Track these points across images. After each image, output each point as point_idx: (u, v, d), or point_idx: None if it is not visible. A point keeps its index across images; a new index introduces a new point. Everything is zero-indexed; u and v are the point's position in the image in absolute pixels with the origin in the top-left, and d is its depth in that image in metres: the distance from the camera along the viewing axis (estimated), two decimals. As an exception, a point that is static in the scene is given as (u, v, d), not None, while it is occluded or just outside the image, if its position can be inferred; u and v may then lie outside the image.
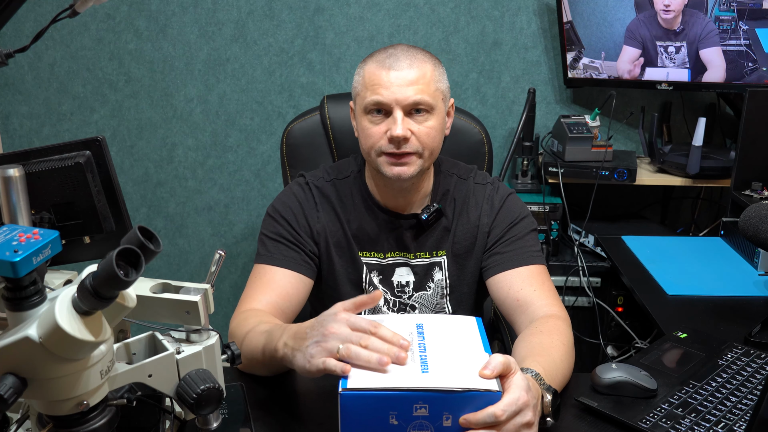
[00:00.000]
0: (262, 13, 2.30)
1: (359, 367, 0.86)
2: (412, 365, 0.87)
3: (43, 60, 2.35)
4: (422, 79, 1.22)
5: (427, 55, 1.26)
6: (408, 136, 1.22)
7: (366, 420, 0.83)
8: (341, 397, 0.83)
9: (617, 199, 2.39)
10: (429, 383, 0.83)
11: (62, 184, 0.88)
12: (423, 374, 0.85)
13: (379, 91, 1.21)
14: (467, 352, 0.91)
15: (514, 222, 1.32)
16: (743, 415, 1.00)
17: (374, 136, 1.24)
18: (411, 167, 1.24)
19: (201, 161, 2.45)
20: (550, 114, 2.39)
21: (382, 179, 1.30)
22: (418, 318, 0.99)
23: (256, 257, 1.31)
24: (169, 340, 0.85)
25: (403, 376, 0.84)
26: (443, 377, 0.84)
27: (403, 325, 0.97)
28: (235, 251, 2.54)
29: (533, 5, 2.30)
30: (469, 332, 0.96)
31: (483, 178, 1.38)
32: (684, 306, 1.49)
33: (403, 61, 1.22)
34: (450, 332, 0.96)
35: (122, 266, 0.64)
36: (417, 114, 1.23)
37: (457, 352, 0.90)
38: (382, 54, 1.25)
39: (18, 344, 0.64)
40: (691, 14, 2.08)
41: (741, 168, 1.93)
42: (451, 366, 0.87)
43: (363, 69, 1.26)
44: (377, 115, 1.23)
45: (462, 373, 0.85)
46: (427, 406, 0.83)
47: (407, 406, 0.83)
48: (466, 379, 0.84)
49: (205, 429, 0.88)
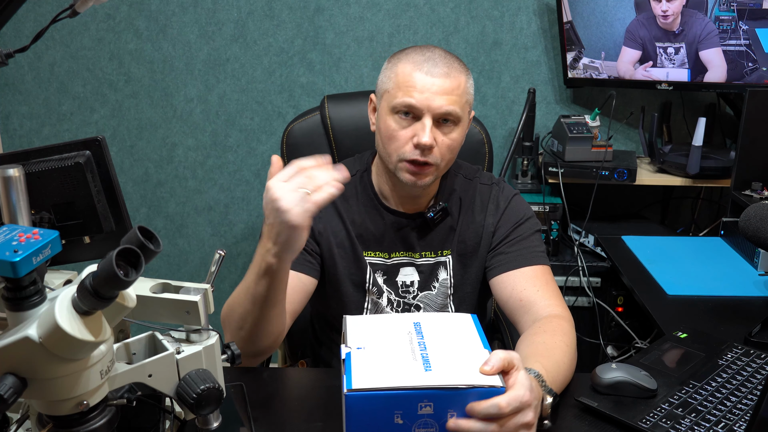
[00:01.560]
0: (262, 13, 2.30)
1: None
2: (414, 364, 0.87)
3: (43, 60, 2.35)
4: (456, 90, 1.20)
5: (462, 65, 1.24)
6: (434, 145, 1.21)
7: (371, 420, 0.83)
8: (346, 398, 0.82)
9: (617, 199, 2.39)
10: (433, 381, 0.83)
11: (62, 184, 0.88)
12: (426, 372, 0.85)
13: (413, 93, 1.19)
14: (467, 349, 0.91)
15: (519, 222, 1.32)
16: (743, 415, 1.00)
17: (399, 140, 1.22)
18: (428, 178, 1.24)
19: (201, 161, 2.45)
20: (550, 114, 2.39)
21: (393, 180, 1.30)
22: (415, 317, 1.00)
23: None
24: (169, 340, 0.85)
25: (407, 375, 0.84)
26: (447, 375, 0.84)
27: (401, 324, 0.97)
28: (235, 251, 2.54)
29: (533, 5, 2.30)
30: (467, 329, 0.97)
31: (488, 178, 1.38)
32: (684, 306, 1.49)
33: (441, 68, 1.20)
34: (448, 330, 0.96)
35: (122, 266, 0.64)
36: (444, 124, 1.21)
37: (458, 350, 0.91)
38: (418, 55, 1.22)
39: (18, 344, 0.64)
40: (691, 15, 2.08)
41: (741, 168, 1.93)
42: (454, 363, 0.87)
43: (396, 66, 1.23)
44: (405, 118, 1.21)
45: (465, 370, 0.85)
46: (432, 404, 0.83)
47: (412, 405, 0.83)
48: (469, 375, 0.84)
49: (205, 429, 0.88)
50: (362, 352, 0.91)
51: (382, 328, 0.97)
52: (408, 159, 1.22)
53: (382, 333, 0.96)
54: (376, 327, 0.97)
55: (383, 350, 0.91)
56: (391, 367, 0.86)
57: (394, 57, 1.26)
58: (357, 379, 0.84)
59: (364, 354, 0.90)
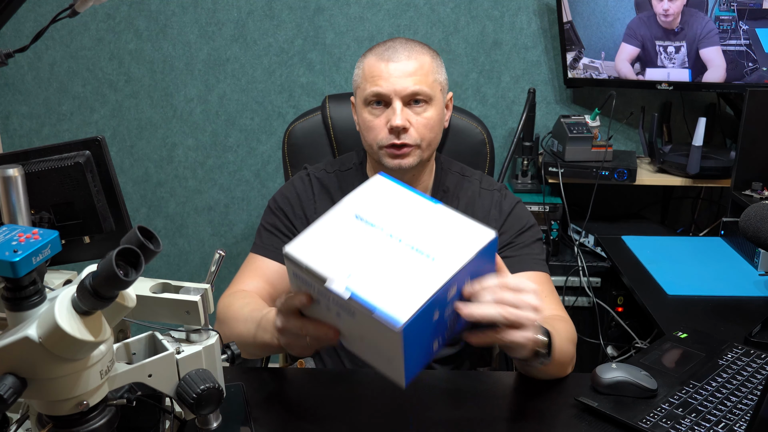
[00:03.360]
0: (262, 13, 2.30)
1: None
2: (415, 258, 0.82)
3: (43, 60, 2.35)
4: (420, 70, 1.24)
5: (425, 47, 1.28)
6: (407, 126, 1.24)
7: (422, 333, 0.80)
8: (405, 333, 0.76)
9: (617, 199, 2.39)
10: (451, 267, 0.81)
11: (62, 184, 0.88)
12: (435, 262, 0.82)
13: (379, 82, 1.23)
14: (427, 214, 0.88)
15: (523, 230, 1.33)
16: (743, 415, 1.00)
17: (375, 129, 1.26)
18: (410, 158, 1.26)
19: (201, 161, 2.45)
20: (550, 114, 2.39)
21: (383, 171, 1.30)
22: (346, 209, 0.89)
23: (252, 246, 1.36)
24: (169, 340, 0.85)
25: (426, 276, 0.80)
26: (452, 254, 0.83)
27: (347, 226, 0.87)
28: (235, 251, 2.54)
29: (533, 5, 2.30)
30: (397, 192, 0.91)
31: (490, 184, 1.39)
32: (684, 306, 1.49)
33: (402, 53, 1.24)
34: (388, 205, 0.90)
35: (122, 266, 0.64)
36: (416, 105, 1.25)
37: (422, 220, 0.87)
38: (380, 47, 1.27)
39: (18, 344, 0.64)
40: (691, 14, 2.08)
41: (741, 168, 1.93)
42: (442, 238, 0.85)
43: (363, 62, 1.28)
44: (377, 107, 1.25)
45: (457, 239, 0.85)
46: (456, 285, 0.83)
47: (443, 297, 0.81)
48: (467, 243, 0.84)
49: (205, 429, 0.88)
50: (356, 278, 0.80)
51: (340, 242, 0.85)
52: (386, 145, 1.25)
53: (346, 246, 0.85)
54: (331, 244, 0.85)
55: (371, 263, 0.82)
56: (400, 276, 0.80)
57: (362, 55, 1.31)
58: (394, 310, 0.76)
59: (361, 279, 0.80)
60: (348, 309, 0.81)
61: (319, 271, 0.82)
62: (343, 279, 0.80)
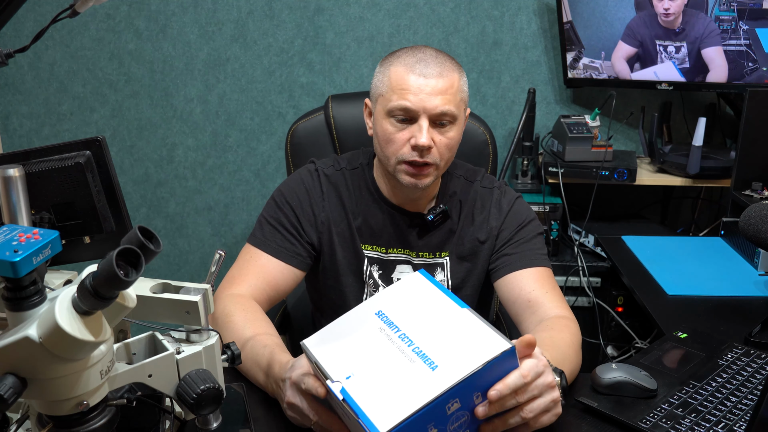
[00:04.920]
0: (262, 13, 2.30)
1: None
2: (416, 367, 0.82)
3: (43, 60, 2.35)
4: (450, 89, 1.20)
5: (454, 62, 1.24)
6: (432, 146, 1.21)
7: None
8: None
9: (617, 199, 2.39)
10: (449, 379, 0.79)
11: (62, 184, 0.88)
12: (435, 372, 0.80)
13: (407, 96, 1.19)
14: (449, 319, 0.87)
15: (522, 225, 1.33)
16: (743, 416, 1.00)
17: (396, 142, 1.22)
18: (428, 179, 1.24)
19: (201, 161, 2.45)
20: (550, 114, 2.39)
21: (392, 182, 1.31)
22: (371, 306, 0.92)
23: (250, 237, 1.32)
24: (169, 340, 0.85)
25: (421, 386, 0.79)
26: (457, 365, 0.80)
27: (366, 324, 0.90)
28: (235, 251, 2.50)
29: (533, 5, 2.30)
30: (428, 293, 0.92)
31: (489, 182, 1.38)
32: (684, 306, 1.49)
33: (433, 68, 1.20)
34: (413, 305, 0.91)
35: (122, 266, 0.64)
36: (440, 125, 1.22)
37: (441, 325, 0.86)
38: (410, 57, 1.22)
39: (18, 344, 0.64)
40: (692, 14, 2.08)
41: (741, 168, 1.93)
42: (453, 346, 0.83)
43: (389, 69, 1.23)
44: (401, 120, 1.21)
45: (467, 348, 0.82)
46: (458, 399, 0.80)
47: (441, 411, 0.79)
48: (476, 353, 0.81)
49: (205, 429, 0.88)
50: (354, 380, 0.83)
51: (352, 340, 0.89)
52: (407, 161, 1.22)
53: (356, 345, 0.88)
54: (344, 341, 0.89)
55: (373, 367, 0.84)
56: (397, 384, 0.81)
57: (386, 60, 1.26)
58: (378, 419, 0.77)
59: (358, 382, 0.83)
60: (342, 408, 0.84)
61: (324, 368, 0.86)
62: (342, 379, 0.84)
